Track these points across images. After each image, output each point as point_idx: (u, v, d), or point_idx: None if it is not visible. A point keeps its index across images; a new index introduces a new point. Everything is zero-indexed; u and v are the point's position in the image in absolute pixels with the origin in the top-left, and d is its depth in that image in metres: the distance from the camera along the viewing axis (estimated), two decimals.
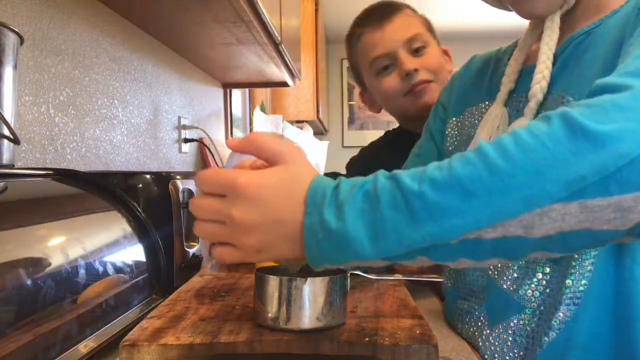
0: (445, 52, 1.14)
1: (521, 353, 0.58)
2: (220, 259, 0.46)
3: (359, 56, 1.14)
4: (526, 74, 0.66)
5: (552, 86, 0.60)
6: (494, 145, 0.40)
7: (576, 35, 0.61)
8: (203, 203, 0.46)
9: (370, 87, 1.16)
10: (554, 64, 0.61)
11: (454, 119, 0.79)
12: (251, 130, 2.81)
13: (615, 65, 0.51)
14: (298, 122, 3.54)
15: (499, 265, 0.62)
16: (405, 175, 0.42)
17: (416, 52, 1.06)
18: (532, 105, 0.61)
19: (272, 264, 0.70)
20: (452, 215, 0.39)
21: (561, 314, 0.55)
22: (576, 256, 0.55)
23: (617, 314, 0.54)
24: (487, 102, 0.72)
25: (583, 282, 0.54)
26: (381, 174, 0.43)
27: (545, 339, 0.55)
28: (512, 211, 0.39)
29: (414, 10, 1.14)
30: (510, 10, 0.68)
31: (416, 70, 1.03)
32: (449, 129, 0.79)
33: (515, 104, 0.66)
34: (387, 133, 1.30)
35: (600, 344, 0.54)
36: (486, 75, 0.76)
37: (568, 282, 0.55)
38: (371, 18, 1.11)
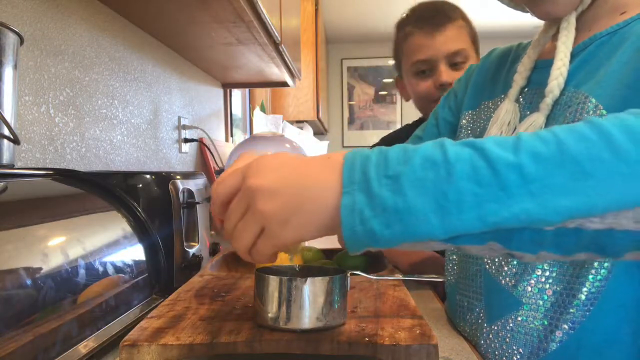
0: None
1: (520, 350, 0.58)
2: (260, 256, 0.43)
3: (404, 51, 1.21)
4: (541, 68, 0.66)
5: (568, 83, 0.60)
6: (616, 123, 0.36)
7: (599, 35, 0.61)
8: (221, 189, 0.43)
9: (406, 80, 1.25)
10: (570, 61, 0.61)
11: (469, 111, 0.78)
12: (251, 130, 2.80)
13: None
14: (298, 122, 3.54)
15: (497, 261, 0.62)
16: (489, 143, 0.38)
17: (455, 65, 1.14)
18: (549, 100, 0.60)
19: (272, 264, 0.70)
20: (559, 194, 0.35)
21: (572, 315, 0.54)
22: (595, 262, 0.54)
23: (638, 321, 0.53)
24: (502, 96, 0.72)
25: (598, 284, 0.54)
26: (447, 141, 0.39)
27: (554, 338, 0.55)
28: (634, 201, 0.35)
29: (465, 20, 1.20)
30: (525, 11, 0.68)
31: (450, 84, 1.08)
32: (464, 121, 0.78)
33: (529, 98, 0.66)
34: (406, 125, 1.39)
35: (616, 350, 0.54)
36: (504, 69, 0.75)
37: (580, 282, 0.54)
38: (426, 22, 1.16)
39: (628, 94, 0.53)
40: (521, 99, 0.67)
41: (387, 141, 1.37)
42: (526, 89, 0.67)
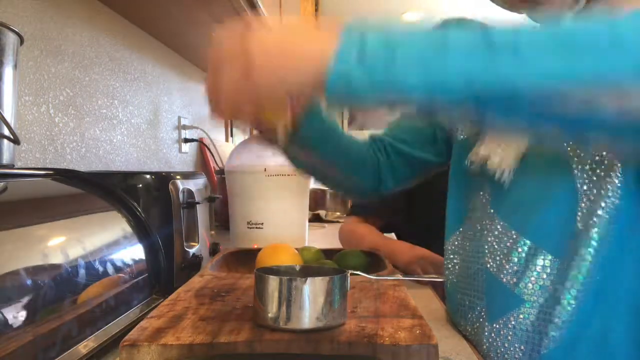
0: None
1: (522, 347, 0.58)
2: (241, 100, 0.44)
3: None
4: None
5: None
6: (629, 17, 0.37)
7: None
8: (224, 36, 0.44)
9: None
10: None
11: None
12: (251, 130, 2.80)
13: None
14: None
15: (499, 259, 0.62)
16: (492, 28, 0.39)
17: None
18: None
19: (272, 264, 0.70)
20: (544, 56, 0.37)
21: (571, 310, 0.55)
22: (586, 249, 0.54)
23: (636, 313, 0.53)
24: None
25: (596, 275, 0.54)
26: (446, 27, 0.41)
27: (555, 335, 0.55)
28: (618, 78, 0.36)
29: None
30: (520, 12, 0.68)
31: None
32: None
33: None
34: None
35: (616, 341, 0.54)
36: None
37: (575, 275, 0.54)
38: None
39: None
40: None
41: None
42: None
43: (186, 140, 1.72)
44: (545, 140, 0.44)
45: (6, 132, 0.62)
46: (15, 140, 0.64)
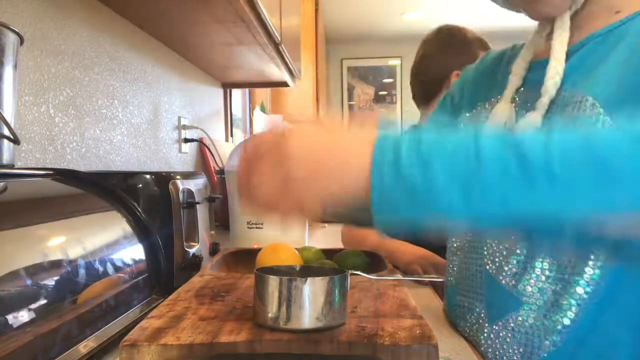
0: None
1: (521, 350, 0.58)
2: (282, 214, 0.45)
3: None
4: (536, 68, 0.66)
5: (564, 82, 0.60)
6: None
7: (596, 34, 0.61)
8: (260, 140, 0.45)
9: None
10: (566, 60, 0.61)
11: (467, 114, 0.78)
12: (251, 130, 2.80)
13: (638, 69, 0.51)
14: None
15: (498, 261, 0.62)
16: (523, 138, 0.40)
17: None
18: (545, 100, 0.60)
19: (272, 264, 0.70)
20: (583, 193, 0.37)
21: (572, 314, 0.54)
22: (593, 256, 0.54)
23: (638, 320, 0.53)
24: (498, 97, 0.72)
25: (601, 283, 0.53)
26: (481, 132, 0.41)
27: (555, 338, 0.55)
28: None
29: None
30: (519, 12, 0.68)
31: None
32: (462, 125, 0.79)
33: (524, 98, 0.66)
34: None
35: (617, 350, 0.54)
36: (499, 71, 0.75)
37: (579, 281, 0.54)
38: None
39: (625, 93, 0.53)
40: (517, 99, 0.67)
41: None
42: (521, 89, 0.67)
43: (186, 140, 1.72)
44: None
45: (6, 132, 0.62)
46: (15, 140, 0.64)
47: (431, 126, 0.43)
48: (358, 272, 0.68)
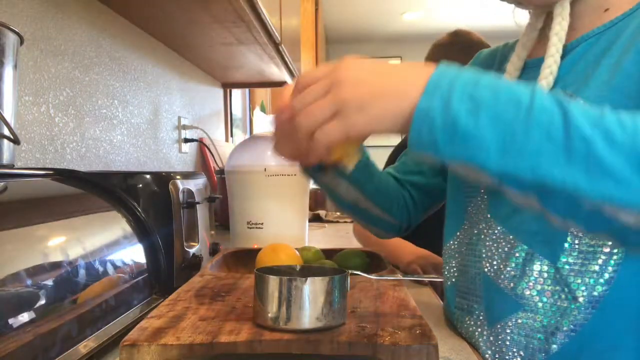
0: None
1: (521, 352, 0.58)
2: (326, 138, 0.45)
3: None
4: (531, 67, 0.65)
5: (556, 84, 0.60)
6: None
7: (587, 36, 0.60)
8: (309, 76, 0.46)
9: None
10: (561, 58, 0.61)
11: None
12: (251, 130, 2.80)
13: (629, 70, 0.52)
14: None
15: (496, 263, 0.62)
16: (575, 108, 0.40)
17: None
18: None
19: (272, 264, 0.70)
20: (612, 180, 0.38)
21: (573, 318, 0.54)
22: (592, 259, 0.54)
23: None
24: None
25: (603, 287, 0.53)
26: (539, 88, 0.41)
27: (555, 341, 0.55)
28: None
29: None
30: (523, 7, 0.67)
31: None
32: None
33: None
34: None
35: (619, 355, 0.53)
36: (492, 71, 0.75)
37: (581, 285, 0.54)
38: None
39: (615, 96, 0.53)
40: None
41: (398, 149, 1.36)
42: None
43: (186, 140, 1.72)
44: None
45: (6, 132, 0.62)
46: (15, 140, 0.64)
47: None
48: (358, 272, 0.68)
